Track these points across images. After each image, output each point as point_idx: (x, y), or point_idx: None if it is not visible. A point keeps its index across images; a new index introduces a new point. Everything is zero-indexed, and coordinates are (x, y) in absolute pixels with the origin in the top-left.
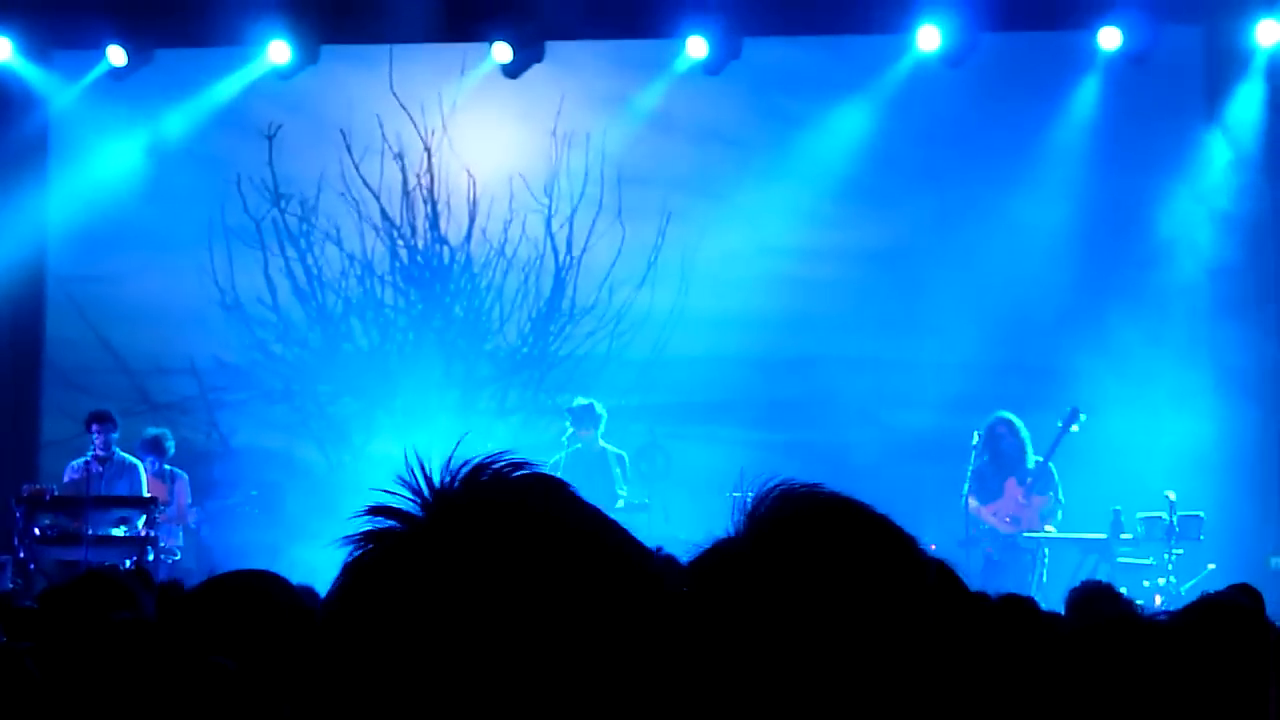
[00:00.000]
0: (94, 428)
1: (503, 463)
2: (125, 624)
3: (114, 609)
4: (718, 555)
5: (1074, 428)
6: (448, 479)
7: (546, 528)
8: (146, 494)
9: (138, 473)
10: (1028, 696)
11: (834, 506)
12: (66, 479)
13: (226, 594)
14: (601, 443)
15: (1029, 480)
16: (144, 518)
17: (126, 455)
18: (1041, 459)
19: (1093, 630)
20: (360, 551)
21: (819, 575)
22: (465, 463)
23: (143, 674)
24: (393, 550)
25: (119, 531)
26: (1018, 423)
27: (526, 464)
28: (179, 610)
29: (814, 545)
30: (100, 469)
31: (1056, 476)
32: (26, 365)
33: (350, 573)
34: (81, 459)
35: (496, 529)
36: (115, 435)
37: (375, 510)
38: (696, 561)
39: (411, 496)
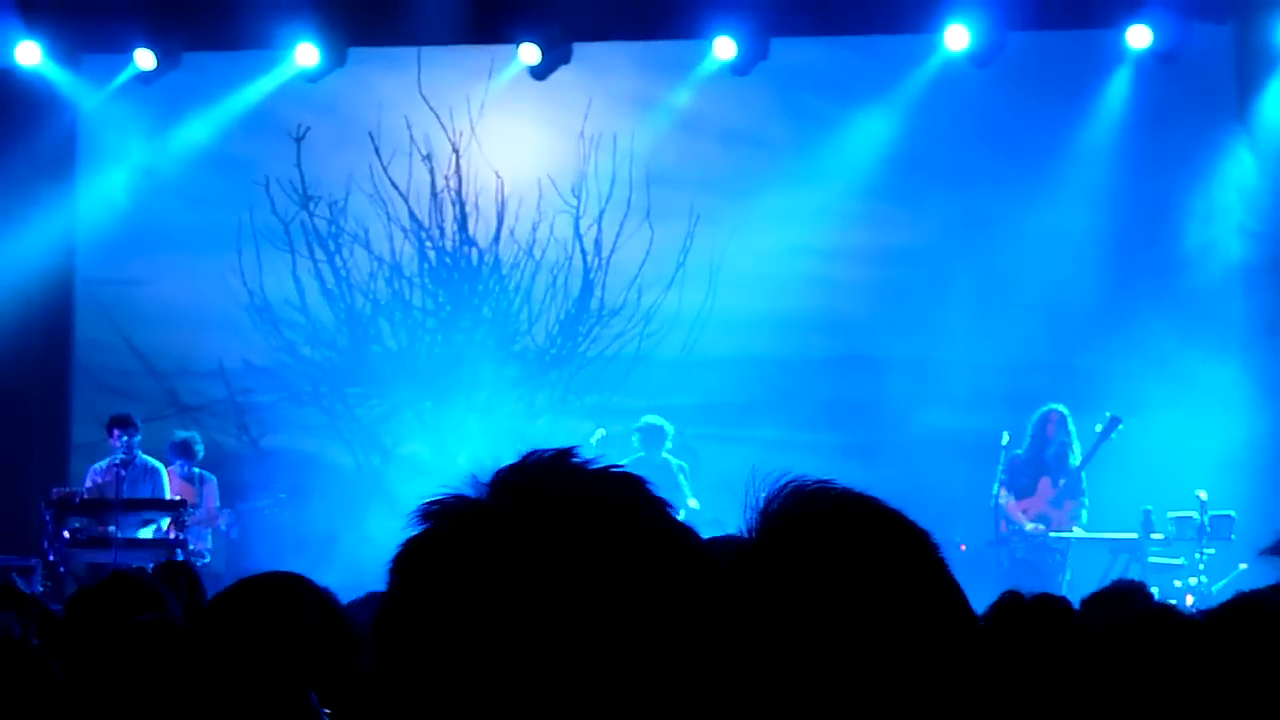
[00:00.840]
0: (115, 432)
1: (582, 457)
2: (150, 625)
3: (140, 611)
4: (729, 552)
5: (1113, 436)
6: (520, 469)
7: (620, 518)
8: (169, 496)
9: (160, 476)
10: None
11: (845, 503)
12: (89, 483)
13: (254, 596)
14: (665, 455)
15: (1062, 482)
16: (168, 520)
17: (149, 458)
18: (1079, 463)
19: (1125, 627)
20: (431, 528)
21: (828, 572)
22: (539, 452)
23: (167, 675)
24: (465, 529)
25: (146, 533)
26: (1067, 415)
27: (602, 459)
28: (205, 612)
29: (824, 542)
30: (123, 473)
31: (1085, 484)
32: (55, 368)
33: (421, 549)
34: (103, 463)
35: (571, 514)
36: (138, 439)
37: (446, 496)
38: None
39: (478, 485)
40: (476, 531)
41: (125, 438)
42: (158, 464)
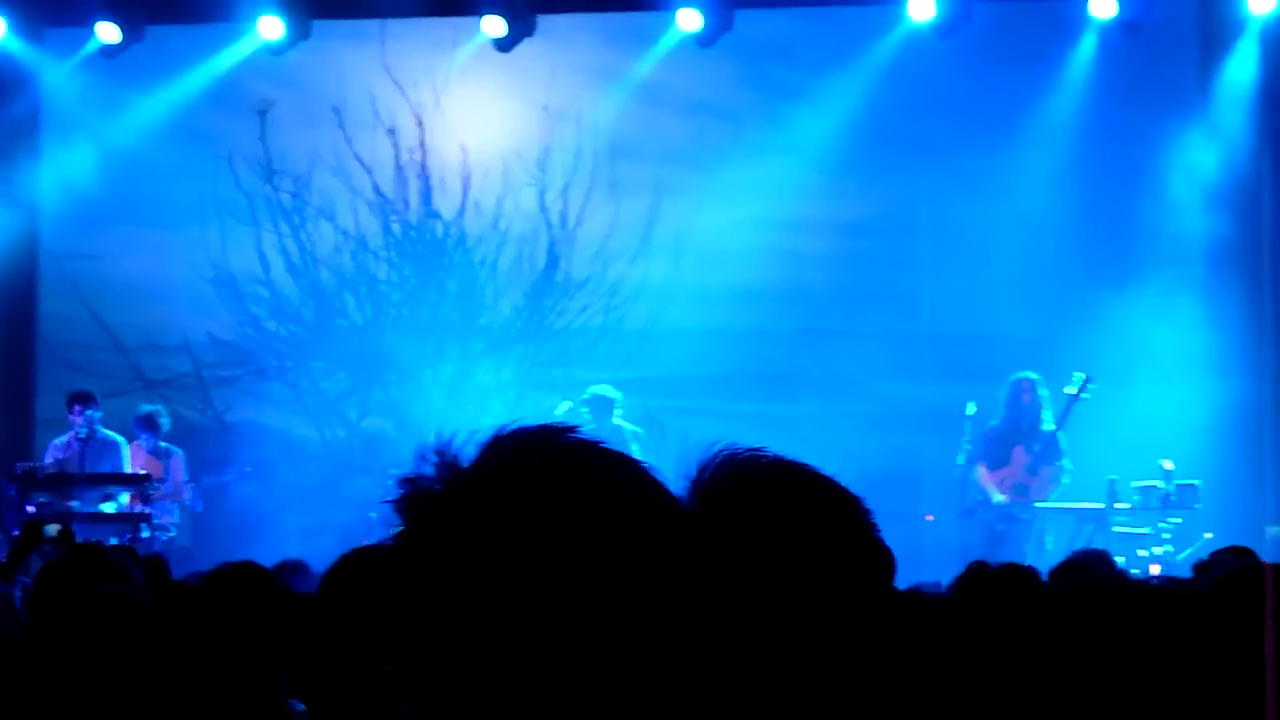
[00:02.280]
0: (76, 408)
1: (556, 427)
2: (115, 598)
3: (106, 584)
4: None
5: (1085, 395)
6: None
7: (593, 483)
8: (131, 470)
9: (120, 450)
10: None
11: (775, 471)
12: (49, 458)
13: (217, 590)
14: (618, 421)
15: (1036, 448)
16: (128, 494)
17: (109, 433)
18: (1054, 427)
19: (1083, 595)
20: (420, 492)
21: (756, 539)
22: (517, 426)
23: (133, 646)
24: (456, 495)
25: (108, 508)
26: (1039, 381)
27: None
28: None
29: (753, 510)
30: (82, 447)
31: (1064, 445)
32: (20, 342)
33: (409, 513)
34: (63, 438)
35: (550, 482)
36: (98, 414)
37: (431, 464)
38: None
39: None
40: (459, 504)
41: (86, 413)
42: (118, 438)
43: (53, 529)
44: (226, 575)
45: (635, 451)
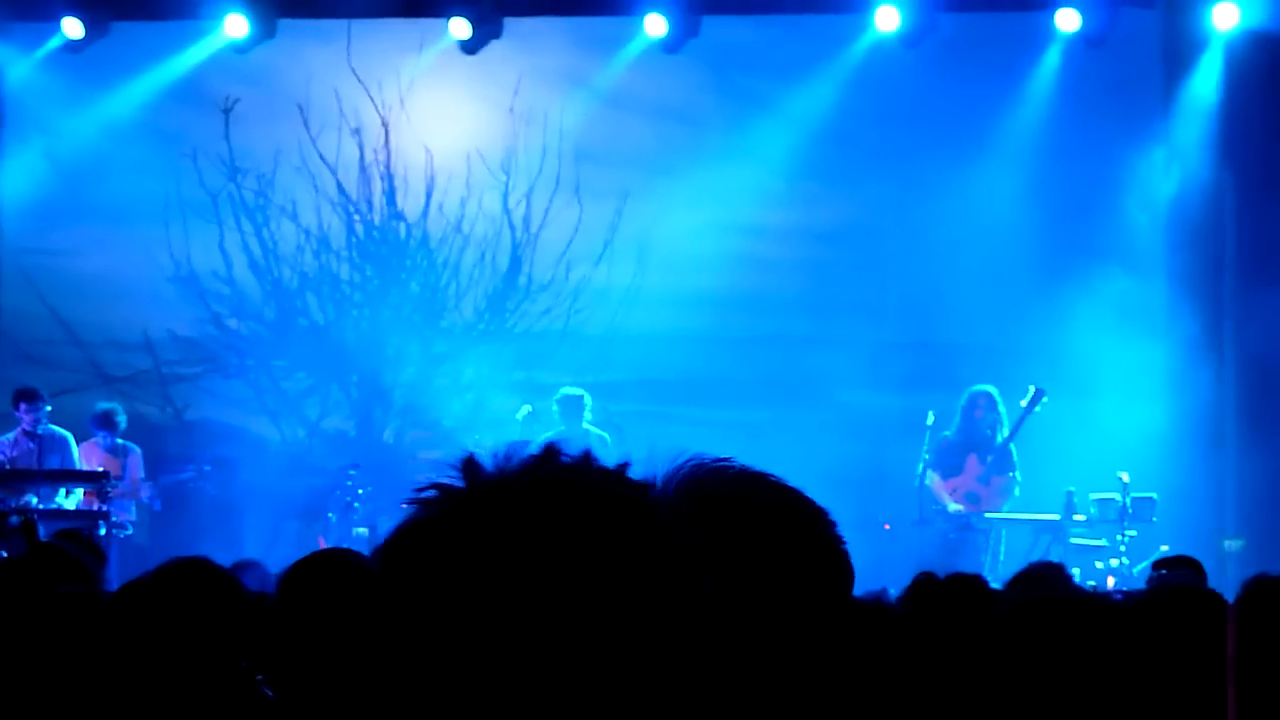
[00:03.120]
0: (22, 406)
1: (561, 449)
2: (74, 596)
3: (67, 581)
4: None
5: (1037, 409)
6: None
7: (599, 503)
8: (85, 466)
9: (69, 446)
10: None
11: (741, 482)
12: None
13: (168, 583)
14: (586, 425)
15: (989, 459)
16: (81, 490)
17: (56, 428)
18: (1006, 437)
19: (1042, 607)
20: (425, 510)
21: (721, 551)
22: (521, 445)
23: (91, 645)
24: (460, 510)
25: (70, 503)
26: (997, 397)
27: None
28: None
29: (719, 521)
30: (31, 444)
31: (1016, 457)
32: None
33: (412, 530)
34: (10, 435)
35: (549, 501)
36: (44, 411)
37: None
38: None
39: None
40: (470, 517)
41: (31, 413)
42: (66, 434)
43: (15, 520)
44: (178, 569)
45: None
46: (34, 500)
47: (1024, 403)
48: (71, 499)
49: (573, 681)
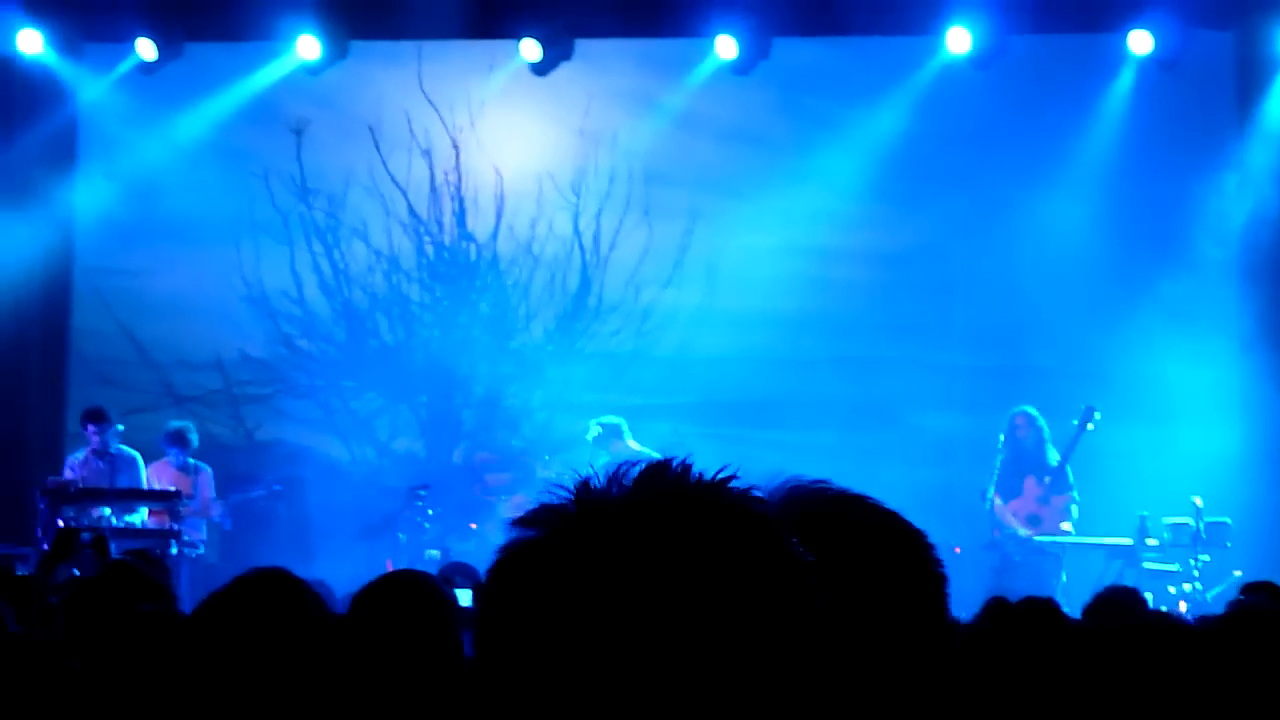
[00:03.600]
0: (90, 427)
1: (678, 464)
2: (152, 616)
3: (142, 599)
4: None
5: (1090, 426)
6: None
7: (723, 522)
8: (152, 485)
9: (137, 465)
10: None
11: (843, 503)
12: (66, 475)
13: (246, 594)
14: (633, 444)
15: (1047, 479)
16: (144, 510)
17: (125, 448)
18: (1060, 459)
19: (1120, 633)
20: (537, 531)
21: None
22: (635, 464)
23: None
24: (569, 534)
25: (135, 520)
26: (1036, 415)
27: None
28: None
29: (822, 542)
30: (100, 464)
31: (1072, 478)
32: (53, 357)
33: (527, 551)
34: (80, 454)
35: (670, 520)
36: (110, 432)
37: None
38: None
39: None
40: (588, 535)
41: (99, 433)
42: (135, 454)
43: (87, 537)
44: (257, 581)
45: None
46: (107, 513)
47: (1075, 422)
48: (135, 516)
49: (696, 693)
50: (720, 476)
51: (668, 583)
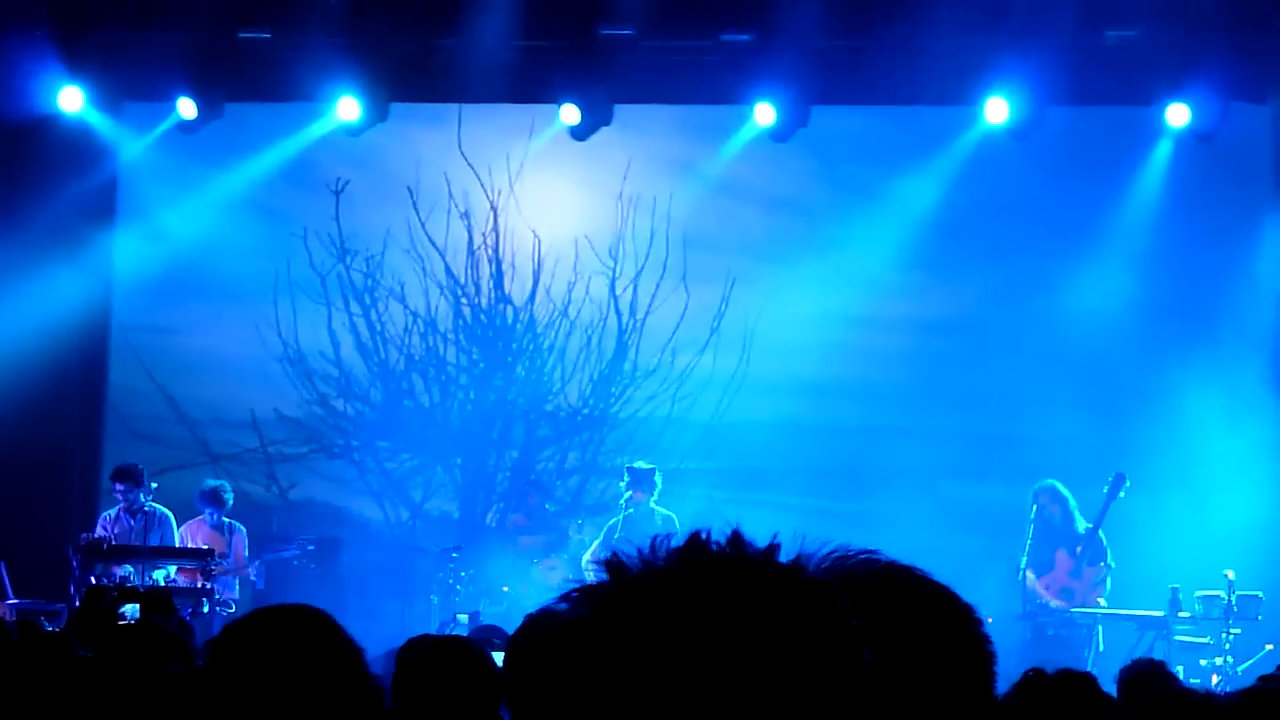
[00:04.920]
0: (118, 486)
1: (718, 536)
2: (180, 675)
3: (166, 660)
4: None
5: (1120, 494)
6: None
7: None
8: (185, 543)
9: (169, 524)
10: None
11: (891, 575)
12: (98, 532)
13: (271, 628)
14: (653, 505)
15: (1079, 549)
16: (174, 567)
17: (158, 506)
18: (1091, 526)
19: (1154, 708)
20: (573, 610)
21: (872, 645)
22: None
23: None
24: (618, 607)
25: (159, 577)
26: (1061, 489)
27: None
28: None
29: (870, 614)
30: (131, 521)
31: (1106, 543)
32: (90, 413)
33: (564, 631)
34: (112, 511)
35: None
36: (141, 490)
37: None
38: None
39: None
40: (624, 612)
41: (126, 492)
42: (167, 512)
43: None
44: (281, 616)
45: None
46: (130, 572)
47: (1105, 489)
48: (160, 574)
49: None
50: (767, 545)
51: (717, 654)
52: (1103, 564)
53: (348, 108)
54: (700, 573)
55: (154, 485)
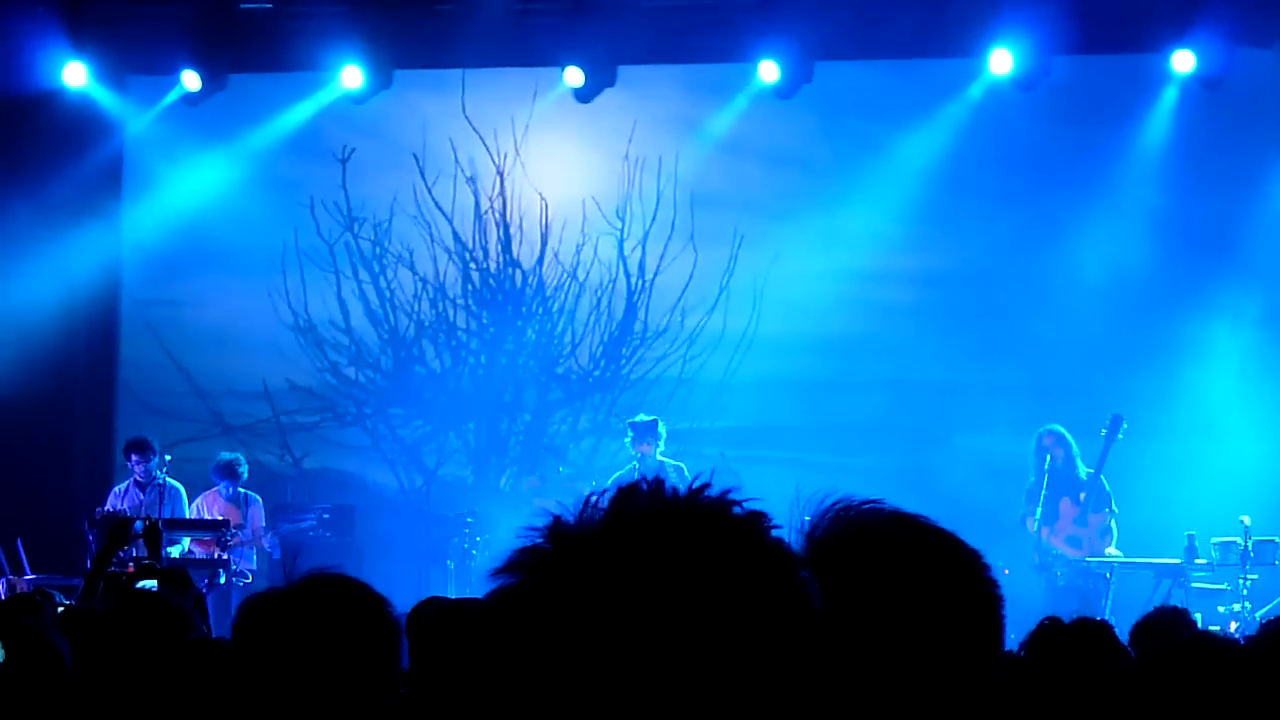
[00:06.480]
0: (133, 457)
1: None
2: (198, 644)
3: (177, 631)
4: None
5: (1119, 436)
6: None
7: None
8: (197, 516)
9: (180, 497)
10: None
11: (897, 523)
12: (109, 506)
13: (305, 597)
14: (660, 456)
15: (1082, 496)
16: (188, 539)
17: (169, 479)
18: (1092, 472)
19: (1169, 653)
20: (512, 575)
21: (879, 593)
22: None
23: (218, 694)
24: (574, 549)
25: (174, 552)
26: (1064, 432)
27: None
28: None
29: (876, 561)
30: (142, 495)
31: (1109, 488)
32: (101, 388)
33: (502, 598)
34: (123, 485)
35: (671, 533)
36: (154, 462)
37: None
38: None
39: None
40: (551, 578)
41: (142, 464)
42: (178, 485)
43: (140, 525)
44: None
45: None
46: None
47: (1104, 432)
48: (175, 549)
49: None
50: (693, 488)
51: (650, 602)
52: (1107, 510)
53: (351, 76)
54: (624, 525)
55: (168, 458)
